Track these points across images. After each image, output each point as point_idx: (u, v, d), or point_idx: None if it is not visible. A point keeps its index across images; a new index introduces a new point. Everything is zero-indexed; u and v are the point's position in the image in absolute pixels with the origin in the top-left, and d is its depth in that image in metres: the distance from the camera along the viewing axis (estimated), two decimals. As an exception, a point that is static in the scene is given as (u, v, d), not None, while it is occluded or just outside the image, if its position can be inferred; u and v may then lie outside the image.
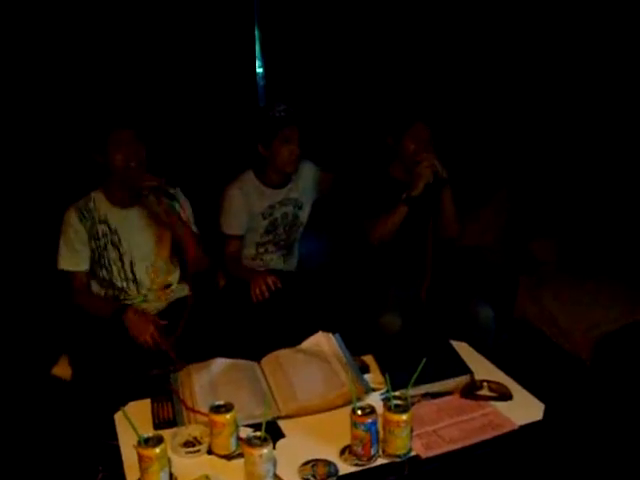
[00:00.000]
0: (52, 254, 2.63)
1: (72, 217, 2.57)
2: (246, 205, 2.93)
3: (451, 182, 2.80)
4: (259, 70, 3.39)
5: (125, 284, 2.65)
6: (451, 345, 2.26)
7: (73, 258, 2.59)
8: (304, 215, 3.12)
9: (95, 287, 2.68)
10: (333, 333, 2.24)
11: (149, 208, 2.61)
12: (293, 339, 2.28)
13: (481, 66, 3.72)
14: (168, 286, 2.76)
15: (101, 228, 2.60)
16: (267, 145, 2.86)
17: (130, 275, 2.65)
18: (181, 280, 2.80)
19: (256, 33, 3.30)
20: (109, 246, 2.61)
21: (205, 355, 2.25)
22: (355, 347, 2.21)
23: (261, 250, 3.05)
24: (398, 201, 2.72)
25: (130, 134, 2.52)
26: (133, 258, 2.65)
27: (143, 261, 2.67)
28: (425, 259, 2.95)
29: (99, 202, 2.61)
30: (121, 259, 2.63)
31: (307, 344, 2.23)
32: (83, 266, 2.61)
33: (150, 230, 2.68)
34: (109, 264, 2.62)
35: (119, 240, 2.62)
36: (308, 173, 3.11)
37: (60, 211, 2.61)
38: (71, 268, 2.60)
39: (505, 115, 3.84)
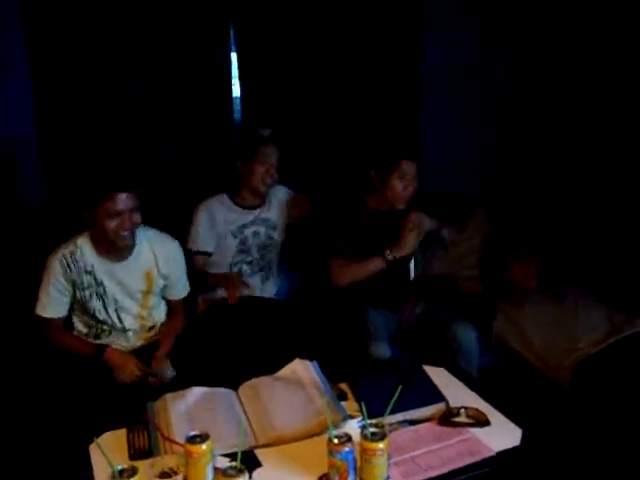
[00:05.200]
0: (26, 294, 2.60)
1: (56, 267, 2.50)
2: (210, 224, 2.97)
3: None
4: (236, 94, 3.41)
5: (111, 323, 2.63)
6: (424, 372, 2.26)
7: (52, 306, 2.54)
8: (278, 236, 3.13)
9: (79, 325, 2.65)
10: (311, 360, 2.23)
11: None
12: (271, 366, 2.26)
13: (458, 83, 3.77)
14: (152, 328, 2.74)
15: (87, 279, 2.54)
16: (246, 161, 2.90)
17: (117, 322, 2.63)
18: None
19: (233, 56, 3.33)
20: (94, 296, 2.56)
21: (183, 382, 2.23)
22: (333, 374, 2.20)
23: (235, 270, 3.05)
24: (378, 252, 2.77)
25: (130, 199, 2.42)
26: (118, 309, 2.62)
27: (129, 312, 2.65)
28: (406, 283, 2.96)
29: (86, 251, 2.53)
30: (105, 308, 2.60)
31: (284, 372, 2.22)
32: (61, 313, 2.58)
33: (136, 284, 2.63)
34: (94, 312, 2.59)
35: (104, 291, 2.58)
36: (282, 197, 3.14)
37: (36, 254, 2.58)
38: (49, 315, 2.55)
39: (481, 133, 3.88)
